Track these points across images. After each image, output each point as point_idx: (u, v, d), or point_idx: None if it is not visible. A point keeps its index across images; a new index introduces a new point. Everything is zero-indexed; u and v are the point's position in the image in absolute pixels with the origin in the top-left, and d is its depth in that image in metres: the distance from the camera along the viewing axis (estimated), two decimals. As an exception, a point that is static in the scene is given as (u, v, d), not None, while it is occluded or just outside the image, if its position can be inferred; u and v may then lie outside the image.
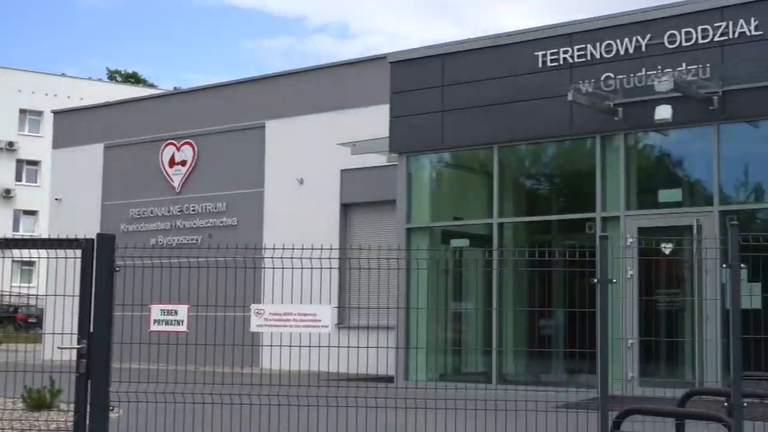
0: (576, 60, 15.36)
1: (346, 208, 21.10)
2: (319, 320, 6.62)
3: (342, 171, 20.94)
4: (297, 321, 6.72)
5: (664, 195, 14.87)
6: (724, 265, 6.93)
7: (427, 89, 16.91)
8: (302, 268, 7.27)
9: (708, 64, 13.89)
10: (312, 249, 7.21)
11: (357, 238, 20.44)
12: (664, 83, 14.10)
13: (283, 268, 7.27)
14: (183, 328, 6.44)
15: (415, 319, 16.34)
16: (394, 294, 17.08)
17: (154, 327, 6.56)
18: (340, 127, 20.51)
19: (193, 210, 23.39)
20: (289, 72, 22.92)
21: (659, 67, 14.33)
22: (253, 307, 6.67)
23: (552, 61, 15.59)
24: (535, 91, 15.72)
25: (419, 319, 16.43)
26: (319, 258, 7.15)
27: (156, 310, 6.62)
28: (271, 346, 8.53)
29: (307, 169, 21.53)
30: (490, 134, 16.22)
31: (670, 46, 14.57)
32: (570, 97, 14.18)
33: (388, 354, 15.84)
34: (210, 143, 23.39)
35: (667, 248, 14.43)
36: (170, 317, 6.59)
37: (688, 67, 13.98)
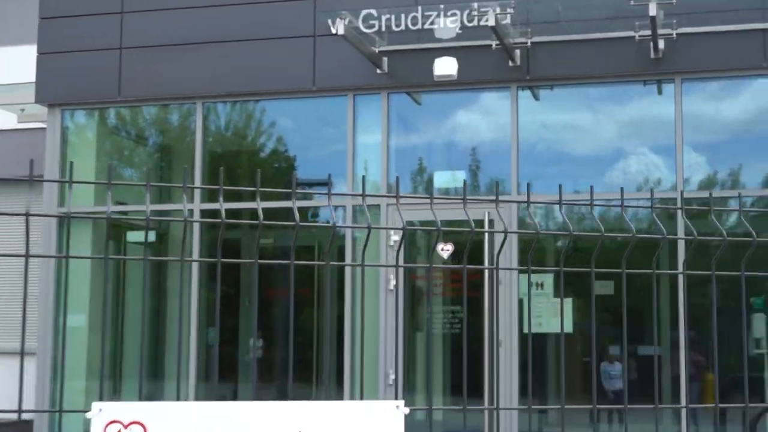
0: (323, -11, 11.19)
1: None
2: None
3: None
4: None
5: (443, 179, 11.14)
6: None
7: (97, 16, 11.84)
8: None
9: (510, 6, 10.24)
10: None
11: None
12: (448, 28, 10.45)
13: None
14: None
15: (69, 339, 11.27)
16: (33, 304, 11.80)
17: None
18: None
19: None
20: None
21: (441, 6, 10.52)
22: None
23: (288, -12, 11.30)
24: (262, 29, 11.32)
25: (76, 338, 11.52)
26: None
27: None
28: None
29: None
30: (193, 84, 11.52)
31: (457, -21, 10.89)
32: (341, 30, 9.86)
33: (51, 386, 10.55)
34: None
35: (445, 251, 10.75)
36: None
37: (482, 8, 10.21)
